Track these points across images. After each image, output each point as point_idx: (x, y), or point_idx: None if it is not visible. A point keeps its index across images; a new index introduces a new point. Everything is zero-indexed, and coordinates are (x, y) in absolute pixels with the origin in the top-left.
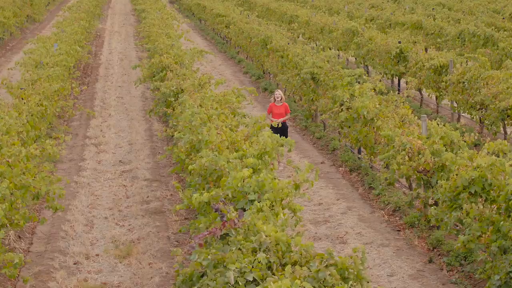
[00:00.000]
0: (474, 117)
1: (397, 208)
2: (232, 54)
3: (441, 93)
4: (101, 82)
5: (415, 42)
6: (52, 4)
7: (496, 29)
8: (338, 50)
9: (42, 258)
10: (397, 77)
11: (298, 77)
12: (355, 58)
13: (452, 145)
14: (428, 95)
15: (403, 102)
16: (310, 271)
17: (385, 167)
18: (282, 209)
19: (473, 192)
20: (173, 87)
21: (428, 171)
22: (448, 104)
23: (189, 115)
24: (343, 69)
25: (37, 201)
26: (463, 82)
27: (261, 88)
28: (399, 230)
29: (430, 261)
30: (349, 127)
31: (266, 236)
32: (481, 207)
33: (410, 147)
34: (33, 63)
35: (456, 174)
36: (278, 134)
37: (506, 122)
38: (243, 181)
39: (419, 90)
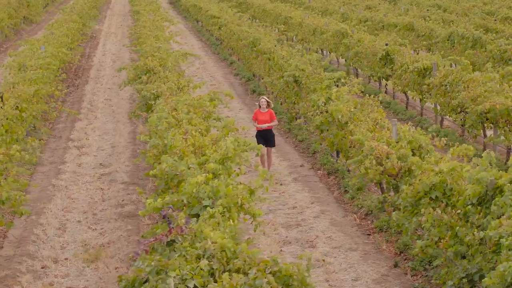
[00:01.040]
0: (456, 120)
1: (370, 212)
2: (225, 56)
3: (424, 96)
4: (91, 84)
5: (402, 45)
6: (51, 5)
7: (485, 31)
8: (329, 52)
9: (10, 262)
10: (384, 80)
11: (282, 79)
12: (345, 60)
13: (420, 149)
14: (413, 98)
15: (377, 106)
16: (249, 278)
17: (355, 172)
18: (244, 214)
19: (434, 197)
20: (153, 90)
21: (397, 175)
22: (432, 106)
23: (155, 120)
24: (325, 72)
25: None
26: (445, 85)
27: (249, 90)
28: (369, 234)
29: (396, 265)
30: (327, 130)
31: (213, 242)
32: (440, 212)
33: (378, 152)
34: (17, 66)
35: (420, 180)
36: (263, 141)
37: (485, 125)
38: (198, 187)
39: (405, 92)
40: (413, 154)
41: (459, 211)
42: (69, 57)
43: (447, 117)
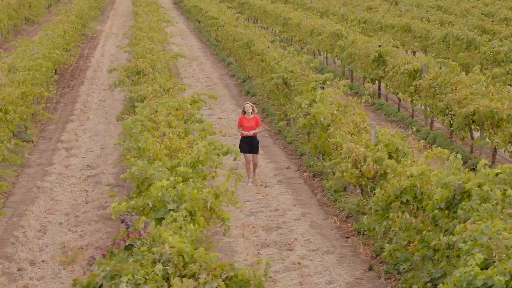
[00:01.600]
0: (444, 122)
1: (350, 215)
2: (222, 57)
3: (414, 98)
4: (86, 85)
5: (394, 46)
6: (55, 6)
7: (482, 33)
8: (326, 53)
9: None
10: (377, 81)
11: (272, 81)
12: (340, 61)
13: (397, 152)
14: (403, 100)
15: (360, 108)
16: (199, 283)
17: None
18: (217, 217)
19: (405, 201)
20: (140, 91)
21: (374, 178)
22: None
23: (129, 123)
24: (322, 73)
25: None
26: (434, 87)
27: (243, 92)
28: (348, 237)
29: (371, 269)
30: (312, 132)
31: (171, 247)
32: (408, 216)
33: (355, 155)
34: (7, 68)
35: (391, 183)
36: (248, 148)
37: (472, 128)
38: (164, 191)
39: (396, 94)
40: (391, 157)
41: (428, 215)
42: (64, 58)
43: (436, 119)
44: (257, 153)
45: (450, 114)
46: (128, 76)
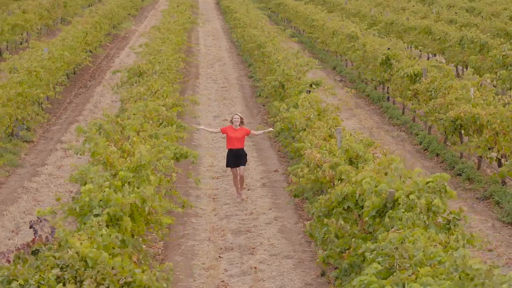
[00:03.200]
0: (438, 127)
1: None
2: (246, 58)
3: (413, 102)
4: (101, 86)
5: (402, 49)
6: (96, 5)
7: (504, 35)
8: (343, 55)
9: None
10: (383, 84)
11: (270, 84)
12: (353, 63)
13: (358, 158)
14: (404, 103)
15: (336, 112)
16: None
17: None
18: (152, 222)
19: (346, 207)
20: (132, 94)
21: (330, 184)
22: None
23: (81, 128)
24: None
25: None
26: (431, 91)
27: (256, 93)
28: (311, 242)
29: (323, 274)
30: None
31: (76, 252)
32: (342, 223)
33: (310, 160)
34: (8, 69)
35: (334, 189)
36: (234, 161)
37: (463, 132)
38: (92, 195)
39: (396, 98)
40: (351, 163)
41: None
42: (80, 58)
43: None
44: (243, 165)
45: (438, 119)
46: (130, 78)
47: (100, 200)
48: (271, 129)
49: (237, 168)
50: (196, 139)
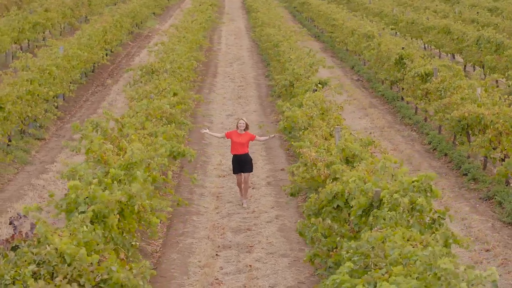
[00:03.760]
0: (446, 126)
1: None
2: (265, 57)
3: (424, 101)
4: (119, 84)
5: (415, 48)
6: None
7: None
8: (360, 54)
9: None
10: (396, 84)
11: (281, 83)
12: (368, 62)
13: (354, 157)
14: (415, 103)
15: (338, 111)
16: (55, 285)
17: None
18: (142, 220)
19: (335, 206)
20: (139, 93)
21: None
22: None
23: (77, 125)
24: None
25: None
26: (440, 91)
27: (271, 93)
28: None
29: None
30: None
31: (55, 249)
32: (329, 222)
33: (305, 159)
34: (20, 67)
35: (324, 188)
36: (239, 167)
37: (470, 132)
38: (78, 192)
39: (406, 97)
40: (348, 162)
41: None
42: (97, 57)
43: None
44: (249, 171)
45: (444, 119)
46: (143, 76)
47: (86, 197)
48: (276, 135)
49: (241, 174)
50: (207, 138)
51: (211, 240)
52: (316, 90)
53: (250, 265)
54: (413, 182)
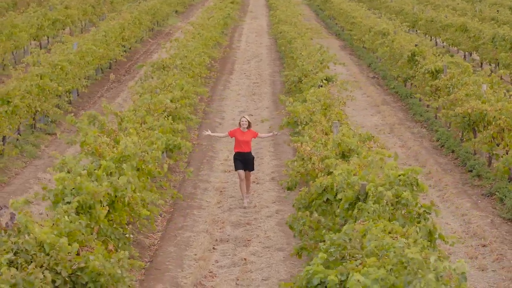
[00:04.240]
0: (454, 123)
1: None
2: (282, 54)
3: (434, 98)
4: (135, 81)
5: (427, 46)
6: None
7: None
8: (374, 51)
9: None
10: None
11: (290, 79)
12: (381, 59)
13: (350, 152)
14: (425, 100)
15: (340, 107)
16: (27, 273)
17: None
18: (132, 213)
19: (325, 200)
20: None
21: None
22: None
23: (71, 118)
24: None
25: None
26: (449, 87)
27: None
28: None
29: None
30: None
31: (35, 238)
32: (317, 215)
33: (301, 153)
34: (32, 63)
35: (314, 182)
36: (241, 164)
37: (476, 129)
38: (64, 183)
39: (415, 94)
40: (344, 157)
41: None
42: (113, 53)
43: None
44: (251, 170)
45: (450, 115)
46: (154, 72)
47: (73, 189)
48: (278, 132)
49: (244, 170)
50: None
51: (209, 234)
52: (321, 86)
53: (245, 259)
54: (399, 176)
